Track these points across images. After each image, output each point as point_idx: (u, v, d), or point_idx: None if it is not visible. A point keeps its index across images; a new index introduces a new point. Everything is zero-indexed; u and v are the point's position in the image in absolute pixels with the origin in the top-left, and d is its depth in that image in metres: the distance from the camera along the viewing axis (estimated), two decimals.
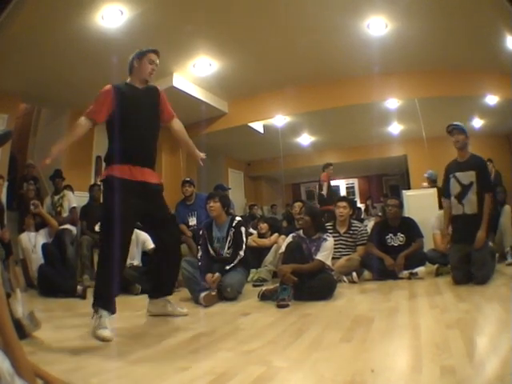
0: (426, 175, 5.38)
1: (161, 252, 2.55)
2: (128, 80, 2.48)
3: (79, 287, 3.44)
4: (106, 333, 2.01)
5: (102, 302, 2.15)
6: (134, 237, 2.94)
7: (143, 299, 2.96)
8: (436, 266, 3.71)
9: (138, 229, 3.52)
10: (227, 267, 3.15)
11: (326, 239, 3.14)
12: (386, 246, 3.88)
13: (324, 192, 6.11)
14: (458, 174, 3.30)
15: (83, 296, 3.33)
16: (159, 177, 2.58)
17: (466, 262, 3.14)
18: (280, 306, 2.67)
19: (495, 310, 2.27)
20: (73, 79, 4.79)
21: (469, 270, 3.11)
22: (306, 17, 3.96)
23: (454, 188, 3.32)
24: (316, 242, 3.14)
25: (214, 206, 3.35)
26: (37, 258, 3.84)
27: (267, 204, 8.15)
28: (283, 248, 3.21)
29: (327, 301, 2.86)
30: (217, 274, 3.10)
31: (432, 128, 5.83)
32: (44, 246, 3.83)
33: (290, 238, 3.29)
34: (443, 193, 3.55)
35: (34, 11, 3.36)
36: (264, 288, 3.14)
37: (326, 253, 3.07)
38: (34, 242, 3.97)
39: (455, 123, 3.32)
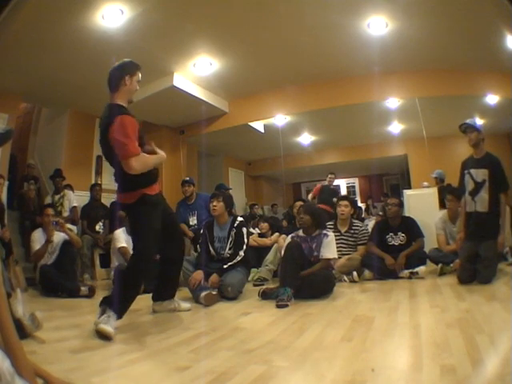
0: (433, 175, 5.33)
1: (167, 262, 2.64)
2: (117, 100, 2.30)
3: (83, 288, 3.46)
4: (109, 329, 2.00)
5: (117, 309, 2.16)
6: None
7: (144, 298, 2.96)
8: (440, 265, 3.70)
9: None
10: (225, 266, 3.15)
11: (326, 235, 3.17)
12: (386, 246, 3.89)
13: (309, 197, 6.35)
14: (472, 171, 3.30)
15: (91, 295, 3.34)
16: None
17: (473, 263, 3.14)
18: (279, 306, 2.67)
19: (495, 310, 2.27)
20: (73, 79, 4.78)
21: (475, 271, 3.11)
22: (306, 16, 3.96)
23: (469, 184, 3.32)
24: (316, 238, 3.17)
25: (218, 205, 3.34)
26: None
27: (268, 203, 8.15)
28: (283, 251, 3.21)
29: (328, 300, 2.87)
30: (214, 275, 3.11)
31: (432, 127, 5.83)
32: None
33: (289, 239, 3.30)
34: (459, 189, 3.49)
35: (34, 11, 3.35)
36: (265, 286, 3.15)
37: (331, 248, 3.13)
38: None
39: (467, 121, 3.30)
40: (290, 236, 3.37)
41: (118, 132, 2.13)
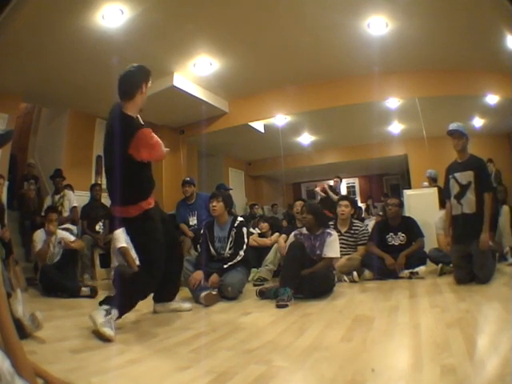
0: (426, 175, 5.38)
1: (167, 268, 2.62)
2: (129, 110, 2.18)
3: (84, 288, 3.47)
4: (110, 332, 2.01)
5: (120, 311, 2.20)
6: None
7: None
8: (440, 265, 3.70)
9: None
10: (225, 266, 3.16)
11: (330, 233, 3.19)
12: (386, 246, 3.89)
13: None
14: (456, 175, 3.33)
15: (93, 296, 3.35)
16: None
17: (467, 261, 3.14)
18: (279, 306, 2.67)
19: (495, 310, 2.27)
20: (73, 79, 4.78)
21: (471, 269, 3.11)
22: (306, 16, 3.96)
23: (454, 188, 3.34)
24: (320, 237, 3.20)
25: (217, 205, 3.34)
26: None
27: (268, 203, 8.15)
28: (286, 250, 3.21)
29: (328, 300, 2.87)
30: (214, 275, 3.11)
31: (433, 127, 5.82)
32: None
33: (292, 237, 3.30)
34: (444, 194, 3.56)
35: (35, 11, 3.35)
36: (262, 286, 3.16)
37: (334, 247, 3.15)
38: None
39: (455, 127, 3.31)
40: (293, 234, 3.37)
41: (147, 144, 2.15)
